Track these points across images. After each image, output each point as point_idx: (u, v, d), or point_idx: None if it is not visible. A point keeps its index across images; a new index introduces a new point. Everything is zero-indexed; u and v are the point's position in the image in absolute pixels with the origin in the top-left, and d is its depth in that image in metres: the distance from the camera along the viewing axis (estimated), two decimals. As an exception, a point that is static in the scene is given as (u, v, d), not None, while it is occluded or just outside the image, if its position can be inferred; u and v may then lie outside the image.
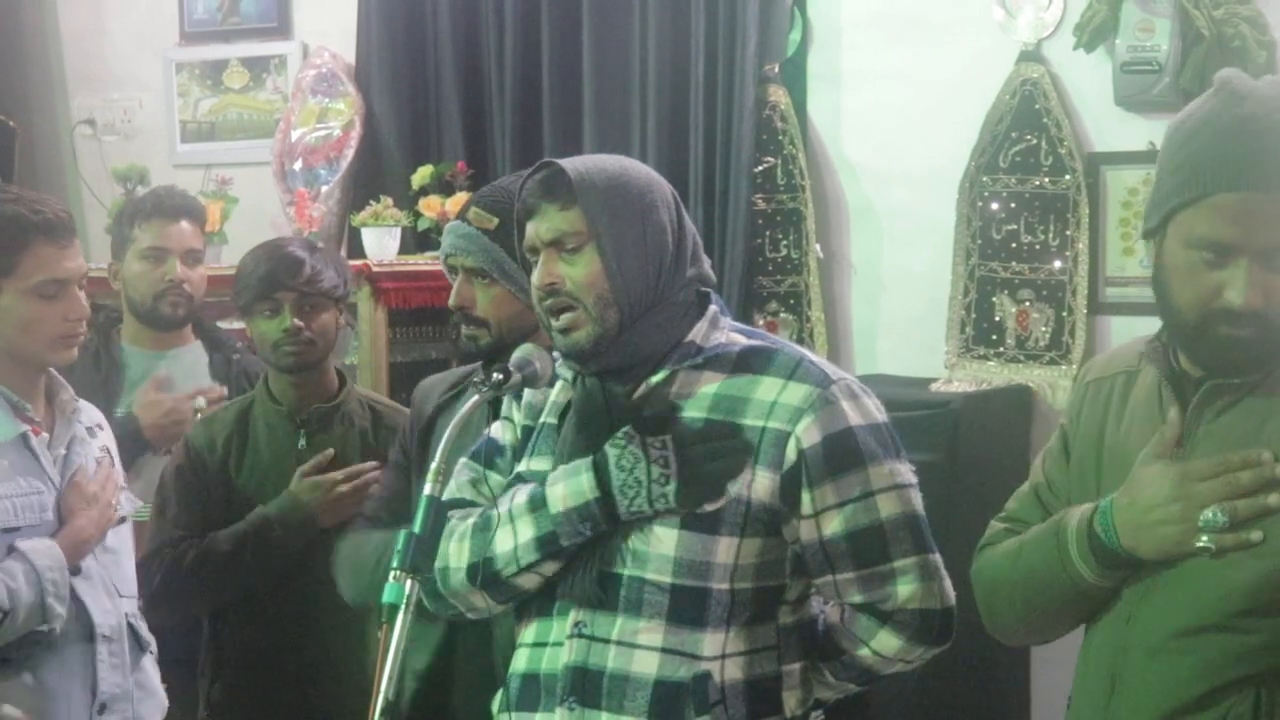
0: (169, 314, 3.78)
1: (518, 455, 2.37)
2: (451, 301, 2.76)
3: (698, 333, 2.27)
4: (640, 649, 2.20)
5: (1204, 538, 1.97)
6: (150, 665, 3.07)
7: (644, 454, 2.18)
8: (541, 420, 2.35)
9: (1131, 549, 2.04)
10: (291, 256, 3.24)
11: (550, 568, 2.26)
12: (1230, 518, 1.96)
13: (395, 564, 2.08)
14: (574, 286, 2.23)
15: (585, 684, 2.22)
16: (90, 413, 3.06)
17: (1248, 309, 1.95)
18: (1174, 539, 2.00)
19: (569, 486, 2.22)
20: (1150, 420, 2.10)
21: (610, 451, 2.21)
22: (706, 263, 2.33)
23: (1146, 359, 2.12)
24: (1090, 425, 2.20)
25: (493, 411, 2.54)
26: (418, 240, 4.84)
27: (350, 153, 4.96)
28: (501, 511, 2.28)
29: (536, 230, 2.26)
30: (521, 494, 2.28)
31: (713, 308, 2.31)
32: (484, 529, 2.28)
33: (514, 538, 2.25)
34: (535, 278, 2.27)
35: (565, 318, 2.24)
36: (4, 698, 2.77)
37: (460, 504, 2.36)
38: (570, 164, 2.26)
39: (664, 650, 2.20)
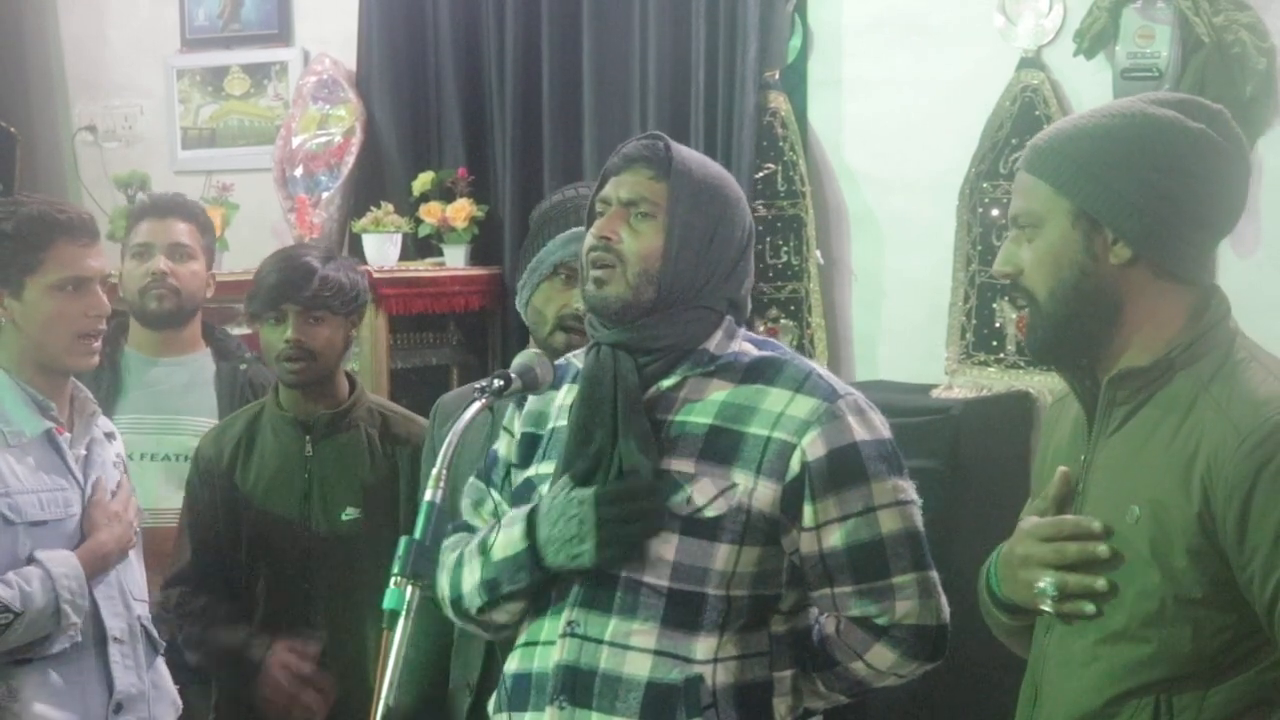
0: (155, 309, 3.75)
1: (522, 463, 2.38)
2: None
3: (713, 341, 2.29)
4: (633, 650, 2.21)
5: (1046, 602, 2.00)
6: (162, 666, 3.14)
7: (564, 511, 2.19)
8: (551, 426, 2.36)
9: (1009, 597, 2.07)
10: (304, 268, 3.23)
11: (511, 608, 2.29)
12: (1060, 591, 1.98)
13: (395, 570, 2.09)
14: (627, 250, 2.25)
15: (576, 683, 2.23)
16: (105, 420, 3.13)
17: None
18: (1029, 597, 2.03)
19: (507, 535, 2.26)
20: (1072, 438, 2.10)
21: (543, 503, 2.23)
22: (748, 302, 2.37)
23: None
24: (1045, 444, 2.21)
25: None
26: (418, 246, 4.85)
27: (351, 159, 4.96)
28: (471, 547, 2.32)
29: (617, 186, 2.29)
30: (478, 535, 2.32)
31: (729, 318, 2.32)
32: (459, 565, 2.33)
33: (471, 578, 2.30)
34: (594, 228, 2.29)
35: (604, 271, 2.26)
36: (24, 697, 2.83)
37: (461, 528, 2.41)
38: (677, 146, 2.30)
39: (657, 652, 2.21)
